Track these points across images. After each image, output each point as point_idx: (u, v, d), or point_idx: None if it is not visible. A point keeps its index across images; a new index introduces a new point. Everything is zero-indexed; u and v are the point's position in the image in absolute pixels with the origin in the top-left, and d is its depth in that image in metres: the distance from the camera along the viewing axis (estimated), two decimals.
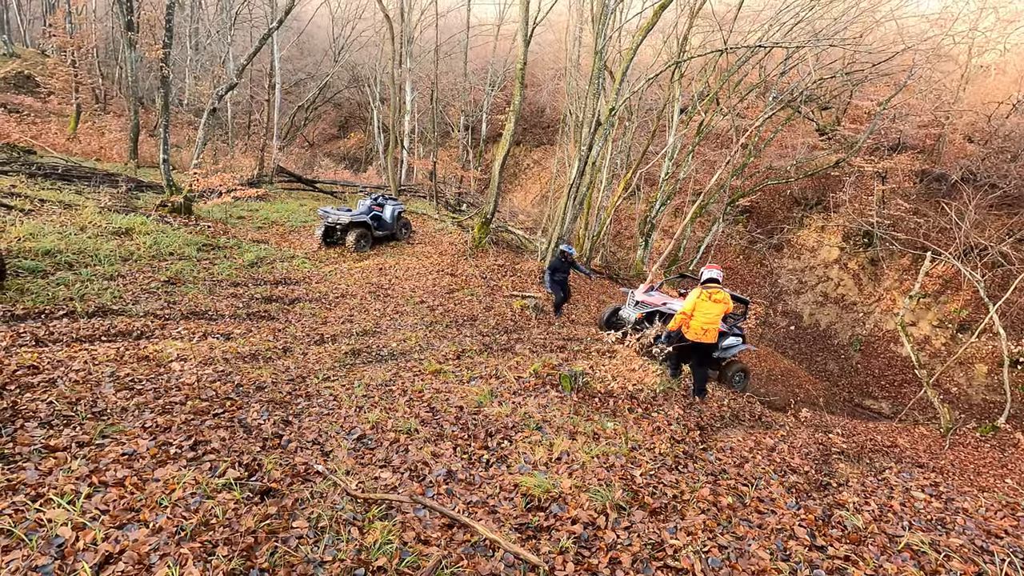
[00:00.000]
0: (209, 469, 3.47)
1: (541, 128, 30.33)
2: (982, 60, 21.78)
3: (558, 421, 5.12)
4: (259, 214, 13.50)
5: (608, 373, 6.73)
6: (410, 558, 2.91)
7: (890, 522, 3.69)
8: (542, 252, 12.84)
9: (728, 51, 12.34)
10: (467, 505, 3.61)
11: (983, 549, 3.35)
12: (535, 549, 3.13)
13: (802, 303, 20.54)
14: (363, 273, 10.44)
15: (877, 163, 18.14)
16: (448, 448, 4.40)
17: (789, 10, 13.91)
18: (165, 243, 9.06)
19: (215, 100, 12.23)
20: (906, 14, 15.92)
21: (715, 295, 6.31)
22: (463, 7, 26.82)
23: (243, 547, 2.79)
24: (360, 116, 34.06)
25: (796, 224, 22.25)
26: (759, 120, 15.68)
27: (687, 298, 6.56)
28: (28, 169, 11.61)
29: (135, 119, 16.27)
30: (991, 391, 15.32)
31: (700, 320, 6.33)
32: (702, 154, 20.74)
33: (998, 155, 18.45)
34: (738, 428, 6.37)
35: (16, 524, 2.68)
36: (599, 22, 10.70)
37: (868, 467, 5.38)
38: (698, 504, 3.75)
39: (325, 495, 3.44)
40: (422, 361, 6.54)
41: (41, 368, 4.49)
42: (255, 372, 5.45)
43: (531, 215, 22.90)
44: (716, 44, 15.04)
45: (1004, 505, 4.29)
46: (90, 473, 3.21)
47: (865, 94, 18.92)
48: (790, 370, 17.38)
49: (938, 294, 17.69)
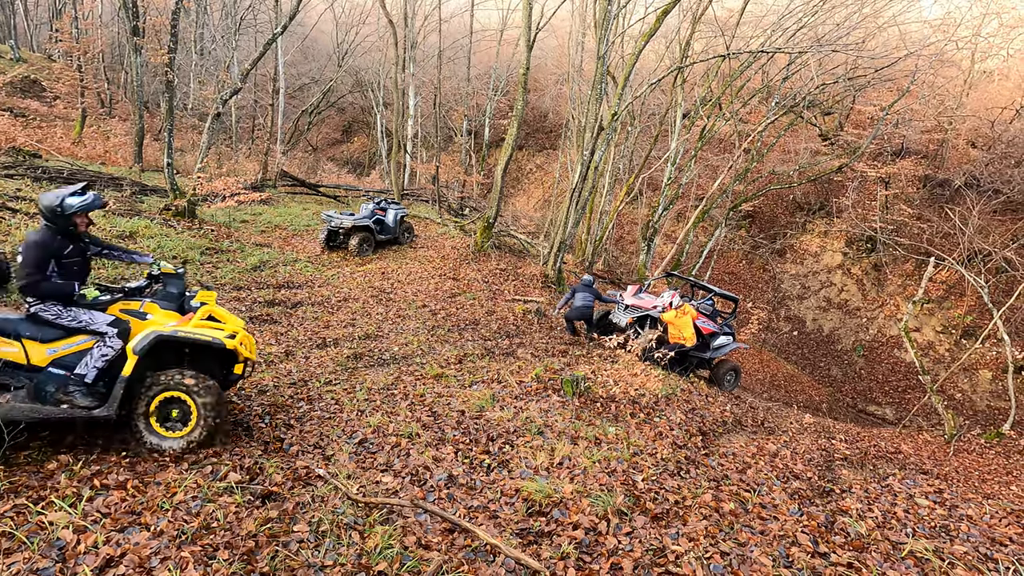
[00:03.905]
0: (210, 472, 3.47)
1: (544, 133, 30.40)
2: (985, 65, 21.77)
3: (560, 426, 5.11)
4: (262, 218, 13.54)
5: (610, 378, 6.72)
6: (411, 563, 2.91)
7: (894, 529, 3.66)
8: (544, 257, 12.84)
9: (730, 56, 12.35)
10: (468, 510, 3.61)
11: (987, 556, 3.32)
12: (536, 554, 3.12)
13: (805, 308, 20.49)
14: (366, 277, 10.46)
15: (880, 168, 18.11)
16: (449, 452, 4.40)
17: (792, 16, 13.94)
18: (169, 246, 9.09)
19: (219, 104, 12.30)
20: (909, 19, 15.94)
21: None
22: (466, 12, 26.96)
23: (244, 551, 2.79)
24: (363, 121, 34.19)
25: (799, 229, 22.22)
26: (762, 125, 15.69)
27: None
28: (33, 173, 11.67)
29: (140, 123, 16.36)
30: (996, 397, 15.23)
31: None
32: (705, 159, 20.74)
33: (1002, 160, 18.41)
34: (740, 433, 6.35)
35: (18, 526, 2.68)
36: (601, 27, 10.74)
37: (871, 473, 5.35)
38: (700, 510, 3.74)
39: (326, 499, 3.44)
40: (424, 365, 6.54)
41: None
42: (257, 375, 5.46)
43: (533, 219, 22.92)
44: (718, 49, 15.06)
45: (1009, 512, 4.26)
46: (92, 476, 3.22)
47: (868, 99, 18.91)
48: (793, 375, 17.32)
49: (942, 300, 17.62)
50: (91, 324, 3.46)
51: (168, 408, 3.59)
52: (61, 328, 3.46)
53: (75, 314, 3.45)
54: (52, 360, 3.44)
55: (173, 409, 3.59)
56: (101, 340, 3.46)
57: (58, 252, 3.42)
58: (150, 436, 3.55)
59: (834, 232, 21.22)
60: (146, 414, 3.53)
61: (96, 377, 3.44)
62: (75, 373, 3.42)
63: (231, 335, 3.74)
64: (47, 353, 3.43)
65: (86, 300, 3.54)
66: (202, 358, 3.86)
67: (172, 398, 3.57)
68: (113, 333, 3.46)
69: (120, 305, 3.69)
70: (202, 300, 3.99)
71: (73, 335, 3.49)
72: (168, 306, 3.84)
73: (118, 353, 3.47)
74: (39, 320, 3.42)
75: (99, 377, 3.46)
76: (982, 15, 17.78)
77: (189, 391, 3.54)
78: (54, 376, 3.42)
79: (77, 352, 3.49)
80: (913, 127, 18.83)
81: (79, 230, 3.51)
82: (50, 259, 3.39)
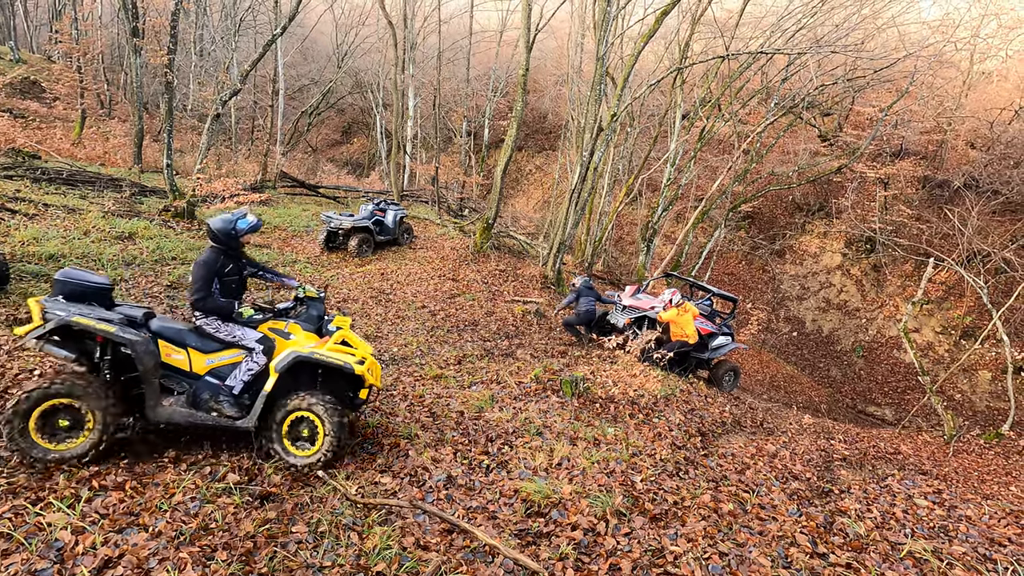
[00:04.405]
0: (209, 473, 3.47)
1: (543, 134, 30.42)
2: (984, 66, 21.79)
3: (559, 426, 5.11)
4: (262, 219, 13.53)
5: (609, 379, 6.72)
6: (409, 563, 2.91)
7: (892, 529, 3.66)
8: (543, 258, 12.84)
9: (730, 57, 12.37)
10: (467, 511, 3.60)
11: (986, 557, 3.32)
12: (535, 555, 3.12)
13: (804, 309, 20.49)
14: (365, 278, 10.46)
15: (879, 169, 18.13)
16: (448, 453, 4.39)
17: (791, 17, 13.95)
18: (168, 248, 9.09)
19: (219, 106, 12.30)
20: (908, 21, 15.97)
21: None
22: (466, 14, 26.98)
23: (242, 552, 2.79)
24: (363, 121, 34.20)
25: (798, 230, 22.23)
26: (761, 126, 15.69)
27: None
28: (33, 174, 11.68)
29: (139, 124, 16.36)
30: (995, 398, 15.24)
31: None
32: (704, 160, 20.75)
33: (1001, 161, 18.42)
34: (739, 434, 6.35)
35: (16, 528, 2.68)
36: (601, 28, 10.74)
37: (871, 474, 5.35)
38: (699, 510, 3.74)
39: (325, 500, 3.44)
40: (423, 366, 6.54)
41: (44, 372, 4.50)
42: None
43: (533, 220, 22.92)
44: (718, 50, 15.08)
45: (1008, 513, 4.27)
46: (90, 477, 3.21)
47: (867, 100, 18.93)
48: (792, 376, 17.33)
49: (941, 300, 17.63)
50: (242, 339, 3.82)
51: (299, 427, 3.83)
52: (218, 341, 3.84)
53: (231, 329, 3.83)
54: (209, 369, 3.83)
55: (304, 428, 3.83)
56: (249, 355, 3.82)
57: (221, 271, 3.83)
58: (281, 451, 3.81)
59: (833, 233, 21.23)
60: (279, 430, 3.79)
61: (241, 390, 3.80)
62: (225, 384, 3.78)
63: (360, 361, 3.94)
64: (206, 363, 3.82)
65: (243, 318, 3.88)
66: (333, 380, 4.11)
67: (303, 417, 3.82)
68: (260, 350, 3.81)
69: (269, 324, 4.05)
70: (338, 324, 4.28)
71: (227, 348, 3.87)
72: (308, 328, 4.16)
73: (262, 369, 3.81)
74: (202, 333, 3.82)
75: (244, 390, 3.81)
76: (981, 16, 17.81)
77: (319, 413, 3.76)
78: (209, 384, 3.77)
79: (229, 364, 3.87)
80: (912, 128, 18.84)
81: (241, 250, 4.01)
82: (215, 278, 3.79)
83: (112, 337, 3.35)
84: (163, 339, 3.72)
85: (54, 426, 3.31)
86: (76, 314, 3.31)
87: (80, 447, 3.31)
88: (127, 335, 3.38)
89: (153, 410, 3.52)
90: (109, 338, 3.37)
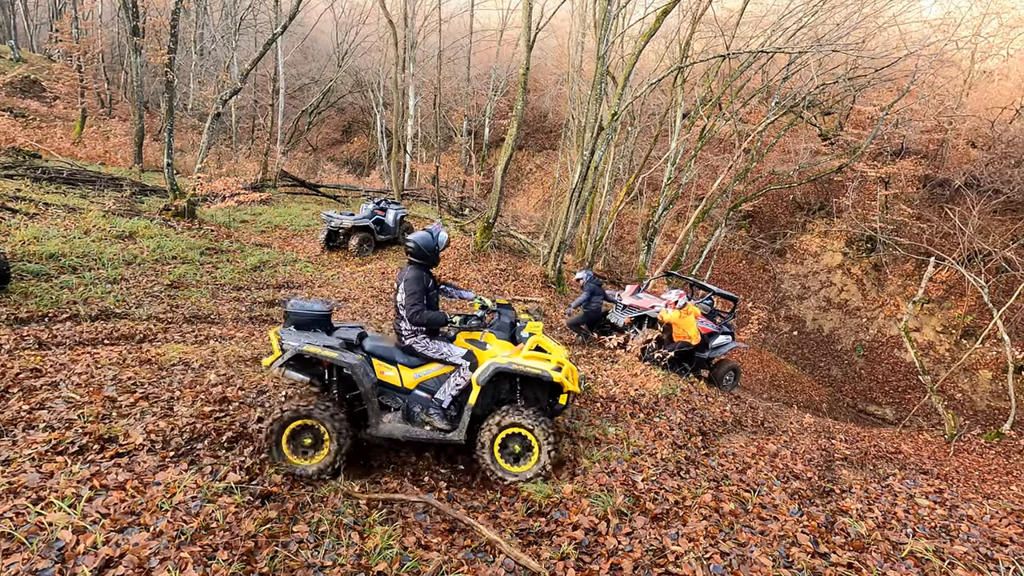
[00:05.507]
0: (210, 473, 3.47)
1: (544, 133, 30.40)
2: (985, 65, 21.76)
3: (560, 426, 5.10)
4: (262, 218, 13.54)
5: (610, 378, 6.72)
6: (410, 563, 2.90)
7: (894, 529, 3.66)
8: (544, 257, 12.83)
9: (730, 56, 12.34)
10: (468, 510, 3.60)
11: (988, 557, 3.32)
12: (536, 555, 3.12)
13: (805, 308, 20.49)
14: (365, 277, 10.45)
15: (880, 168, 18.11)
16: (449, 452, 4.39)
17: (792, 16, 13.94)
18: (168, 247, 9.09)
19: (219, 105, 12.29)
20: (909, 19, 15.93)
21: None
22: (466, 12, 26.96)
23: (243, 551, 2.78)
24: (363, 121, 34.19)
25: (799, 229, 22.22)
26: (762, 125, 15.68)
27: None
28: (33, 173, 11.68)
29: (140, 123, 16.37)
30: (996, 397, 15.23)
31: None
32: (704, 159, 20.73)
33: (1002, 160, 18.41)
34: (740, 434, 6.35)
35: (17, 527, 2.67)
36: (601, 27, 10.73)
37: (872, 473, 5.34)
38: (700, 510, 3.73)
39: (326, 499, 3.44)
40: None
41: (44, 371, 4.50)
42: (257, 376, 5.45)
43: (533, 219, 22.92)
44: (718, 49, 15.06)
45: (1009, 512, 4.26)
46: (91, 476, 3.21)
47: (868, 99, 18.91)
48: (793, 375, 17.32)
49: (942, 300, 17.62)
50: (449, 356, 3.98)
51: (510, 443, 3.93)
52: (424, 357, 4.01)
53: (439, 346, 4.00)
54: (418, 383, 4.02)
55: (515, 444, 3.93)
56: (456, 371, 3.96)
57: (426, 284, 3.99)
58: (494, 467, 3.93)
59: (834, 232, 21.22)
60: (491, 447, 3.91)
61: (449, 403, 3.95)
62: (435, 397, 3.95)
63: (557, 367, 3.98)
64: (414, 377, 4.02)
65: (456, 325, 4.07)
66: (531, 387, 4.18)
67: (515, 433, 3.91)
68: (466, 365, 3.96)
69: (465, 335, 4.19)
70: (531, 331, 4.29)
71: (429, 363, 4.03)
72: (502, 336, 4.24)
73: (468, 383, 3.93)
74: (410, 350, 4.02)
75: (451, 403, 3.97)
76: (982, 15, 17.77)
77: (532, 429, 3.87)
78: (419, 398, 3.95)
79: (435, 378, 4.03)
80: (913, 127, 18.82)
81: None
82: (424, 292, 3.94)
83: (336, 362, 3.65)
84: (376, 358, 3.97)
85: (299, 443, 3.67)
86: (305, 343, 3.65)
87: (322, 462, 3.64)
88: (347, 359, 3.67)
89: (376, 427, 3.80)
90: (333, 363, 3.68)
